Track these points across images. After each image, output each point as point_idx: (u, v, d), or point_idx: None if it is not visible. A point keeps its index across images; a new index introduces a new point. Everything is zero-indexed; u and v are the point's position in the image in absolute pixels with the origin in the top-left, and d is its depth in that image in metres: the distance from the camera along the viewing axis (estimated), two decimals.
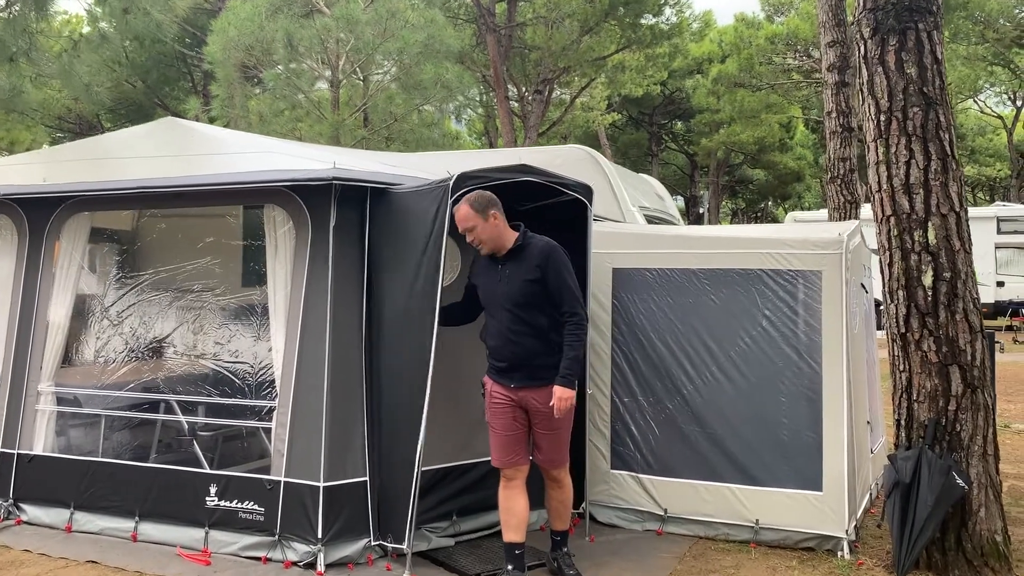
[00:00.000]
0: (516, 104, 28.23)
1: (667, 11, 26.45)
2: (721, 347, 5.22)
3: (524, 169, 4.71)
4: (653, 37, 25.62)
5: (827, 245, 5.08)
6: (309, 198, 4.80)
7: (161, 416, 5.34)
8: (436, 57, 15.73)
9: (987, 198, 44.32)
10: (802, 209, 40.46)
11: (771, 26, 30.03)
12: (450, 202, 4.36)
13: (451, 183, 4.36)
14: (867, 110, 4.81)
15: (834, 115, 11.96)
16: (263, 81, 16.72)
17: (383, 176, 4.88)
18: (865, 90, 4.80)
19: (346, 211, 4.77)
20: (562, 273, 4.30)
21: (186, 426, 5.36)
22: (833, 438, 4.94)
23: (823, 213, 23.28)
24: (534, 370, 4.34)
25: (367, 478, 4.71)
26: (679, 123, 40.11)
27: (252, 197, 5.01)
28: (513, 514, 4.38)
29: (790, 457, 5.01)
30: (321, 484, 4.58)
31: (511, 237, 4.40)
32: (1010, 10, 28.64)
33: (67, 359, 5.59)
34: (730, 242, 5.33)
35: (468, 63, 23.77)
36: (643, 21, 25.07)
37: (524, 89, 27.70)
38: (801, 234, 5.24)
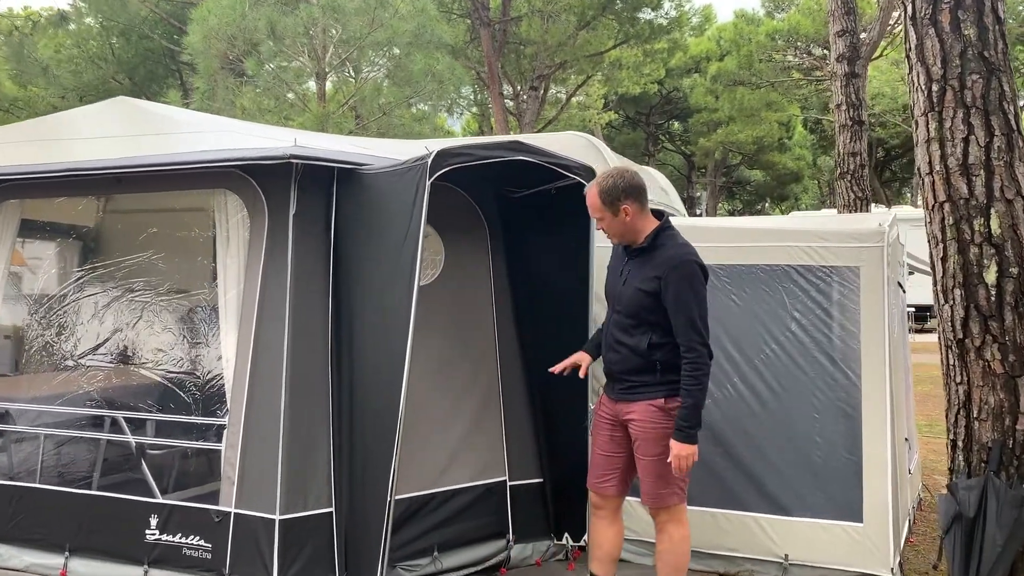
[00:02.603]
0: (511, 103, 27.58)
1: (666, 5, 25.82)
2: (744, 355, 4.54)
3: (517, 147, 4.04)
4: (651, 32, 25.00)
5: (867, 237, 4.40)
6: (265, 181, 4.11)
7: (89, 434, 4.63)
8: (426, 48, 15.06)
9: None
10: (798, 210, 39.88)
11: (771, 22, 29.44)
12: (428, 184, 3.67)
13: (430, 160, 3.67)
14: (915, 79, 4.13)
15: (844, 108, 11.34)
16: (247, 74, 16.03)
17: (351, 155, 4.19)
18: (913, 56, 4.12)
19: (308, 196, 4.08)
20: (684, 295, 3.53)
21: (134, 444, 4.66)
22: (875, 460, 4.27)
23: (825, 213, 22.67)
24: (631, 385, 3.68)
25: (332, 509, 4.02)
26: (676, 123, 39.55)
27: (201, 181, 4.31)
28: (596, 545, 3.88)
29: (825, 482, 4.34)
30: (277, 517, 3.89)
31: (644, 231, 3.68)
32: (1015, 7, 28.07)
33: None
34: (754, 234, 4.66)
35: (462, 59, 23.11)
36: (641, 15, 24.42)
37: (519, 87, 27.07)
38: (836, 225, 4.57)
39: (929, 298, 4.20)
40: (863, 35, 16.06)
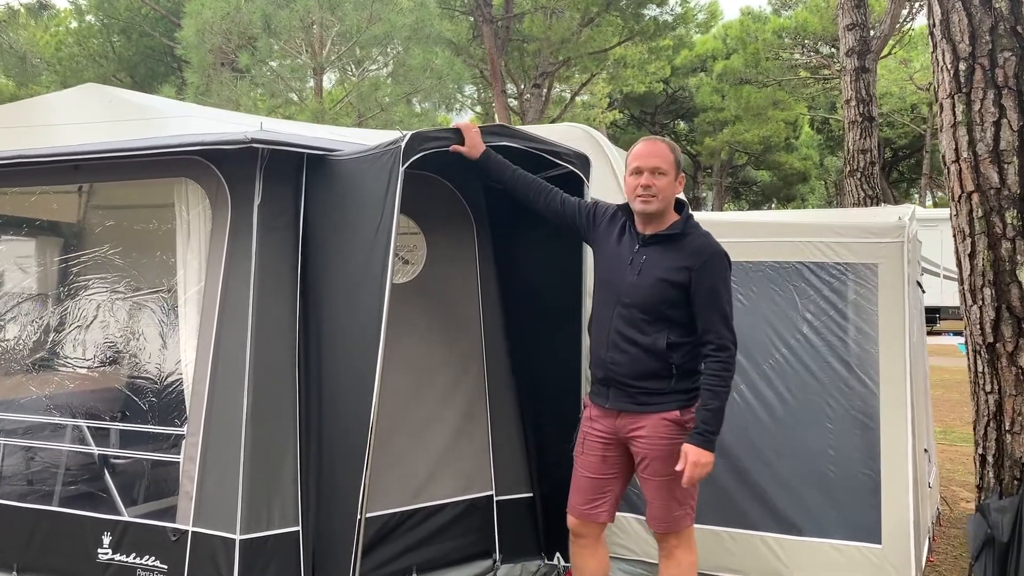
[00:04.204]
0: (515, 101, 27.24)
1: (671, 1, 25.46)
2: (751, 359, 4.18)
3: (501, 131, 3.69)
4: (656, 29, 24.65)
5: (885, 232, 4.03)
6: (229, 169, 3.76)
7: (42, 443, 4.30)
8: (426, 42, 14.73)
9: None
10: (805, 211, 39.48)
11: (778, 20, 29.08)
12: (401, 171, 3.32)
13: (403, 144, 3.33)
14: (940, 58, 3.78)
15: (853, 103, 11.01)
16: (242, 69, 15.70)
17: (322, 141, 3.84)
18: (937, 32, 3.77)
19: (275, 185, 3.73)
20: (718, 288, 3.21)
21: (97, 455, 4.32)
22: (894, 475, 3.90)
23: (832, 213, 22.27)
24: (638, 392, 3.27)
25: (299, 527, 3.67)
26: (682, 123, 39.22)
27: (161, 169, 3.96)
28: (582, 575, 3.52)
29: (839, 500, 3.98)
30: (237, 536, 3.53)
31: (670, 217, 3.33)
32: None
33: None
34: (762, 229, 4.30)
35: (464, 57, 22.78)
36: (646, 12, 24.06)
37: (522, 85, 26.74)
38: (851, 219, 4.21)
39: (935, 299, 3.85)
40: (872, 31, 15.73)
